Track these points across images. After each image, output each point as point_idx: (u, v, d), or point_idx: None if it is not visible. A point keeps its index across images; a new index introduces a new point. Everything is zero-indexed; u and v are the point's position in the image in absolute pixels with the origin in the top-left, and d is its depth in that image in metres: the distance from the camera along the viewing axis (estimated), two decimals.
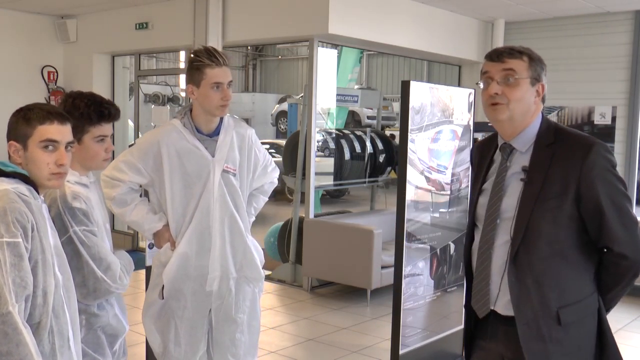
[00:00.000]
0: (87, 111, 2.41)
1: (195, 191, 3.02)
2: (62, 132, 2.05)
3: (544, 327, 2.15)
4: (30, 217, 1.92)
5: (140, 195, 3.13)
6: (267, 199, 3.38)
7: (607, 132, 7.41)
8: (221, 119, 3.07)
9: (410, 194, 4.23)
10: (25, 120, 2.02)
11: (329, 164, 7.49)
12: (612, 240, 2.11)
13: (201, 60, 2.91)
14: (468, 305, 2.37)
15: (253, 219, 3.34)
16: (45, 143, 2.01)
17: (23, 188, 1.96)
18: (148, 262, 3.74)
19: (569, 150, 2.12)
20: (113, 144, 2.61)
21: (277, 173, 3.36)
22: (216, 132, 3.05)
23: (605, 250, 2.15)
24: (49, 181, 2.05)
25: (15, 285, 1.84)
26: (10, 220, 1.86)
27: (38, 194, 2.03)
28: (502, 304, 2.22)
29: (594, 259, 2.18)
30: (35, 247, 1.92)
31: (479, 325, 2.35)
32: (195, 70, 2.93)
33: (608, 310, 2.25)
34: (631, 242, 2.12)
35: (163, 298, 3.10)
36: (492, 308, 2.26)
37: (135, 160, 3.01)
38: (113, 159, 3.05)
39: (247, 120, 15.01)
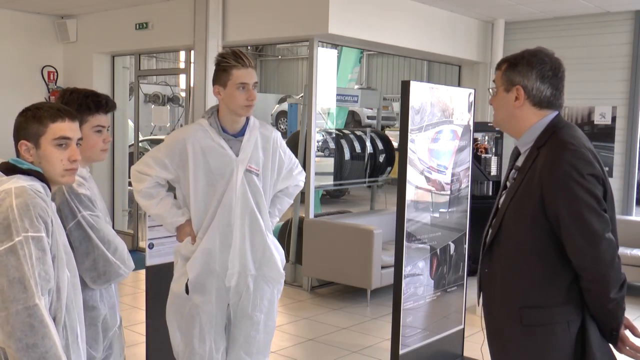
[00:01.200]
0: (85, 101, 2.48)
1: (218, 188, 3.08)
2: (73, 128, 2.10)
3: (505, 322, 2.21)
4: (50, 213, 1.97)
5: (167, 191, 3.20)
6: (291, 202, 3.43)
7: (607, 132, 7.41)
8: (247, 120, 3.14)
9: (410, 194, 4.23)
10: (36, 119, 2.06)
11: (329, 164, 7.49)
12: (570, 250, 2.09)
13: (228, 62, 3.00)
14: None
15: (277, 220, 3.38)
16: (59, 140, 2.06)
17: (38, 185, 2.00)
18: (148, 262, 3.75)
19: (545, 154, 2.15)
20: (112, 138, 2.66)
21: (303, 176, 3.42)
22: (241, 133, 3.12)
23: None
24: (62, 177, 2.09)
25: (40, 279, 1.88)
26: (33, 215, 1.91)
27: (50, 191, 2.07)
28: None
29: (571, 269, 2.13)
30: (54, 243, 1.97)
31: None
32: (222, 71, 3.03)
33: (608, 327, 2.14)
34: (589, 254, 2.06)
35: (188, 293, 3.13)
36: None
37: (162, 156, 3.11)
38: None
39: None
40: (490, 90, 2.36)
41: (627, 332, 2.19)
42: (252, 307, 3.18)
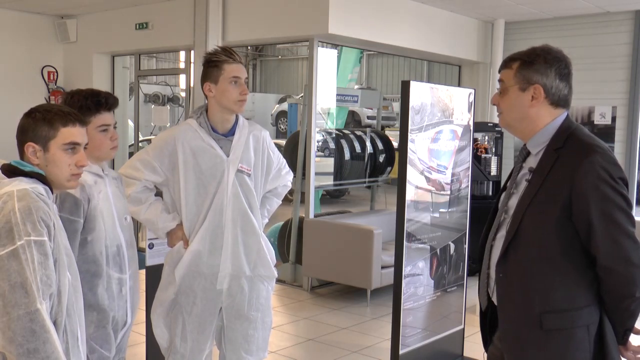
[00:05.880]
0: (85, 102, 2.48)
1: (209, 190, 3.03)
2: (82, 134, 2.09)
3: (524, 327, 2.16)
4: (52, 216, 1.95)
5: (155, 195, 3.15)
6: (280, 202, 3.39)
7: (607, 132, 7.41)
8: (236, 120, 3.10)
9: (410, 194, 4.23)
10: (47, 121, 2.03)
11: (329, 164, 7.48)
12: (600, 252, 2.05)
13: (219, 57, 2.97)
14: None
15: (266, 221, 3.35)
16: (69, 145, 2.04)
17: (40, 188, 1.99)
18: (148, 262, 3.75)
19: (569, 157, 2.10)
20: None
21: (290, 176, 3.39)
22: (231, 132, 3.07)
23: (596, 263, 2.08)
24: (68, 182, 2.08)
25: (42, 284, 1.87)
26: (36, 218, 1.89)
27: (52, 194, 2.05)
28: (496, 297, 2.28)
29: (593, 271, 2.11)
30: (56, 246, 1.96)
31: (488, 318, 2.38)
32: (213, 67, 2.98)
33: (624, 327, 2.13)
34: (620, 255, 2.03)
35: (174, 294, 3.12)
36: (492, 298, 2.31)
37: (150, 158, 3.04)
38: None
39: None
40: (497, 89, 2.27)
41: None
42: (248, 307, 3.16)
